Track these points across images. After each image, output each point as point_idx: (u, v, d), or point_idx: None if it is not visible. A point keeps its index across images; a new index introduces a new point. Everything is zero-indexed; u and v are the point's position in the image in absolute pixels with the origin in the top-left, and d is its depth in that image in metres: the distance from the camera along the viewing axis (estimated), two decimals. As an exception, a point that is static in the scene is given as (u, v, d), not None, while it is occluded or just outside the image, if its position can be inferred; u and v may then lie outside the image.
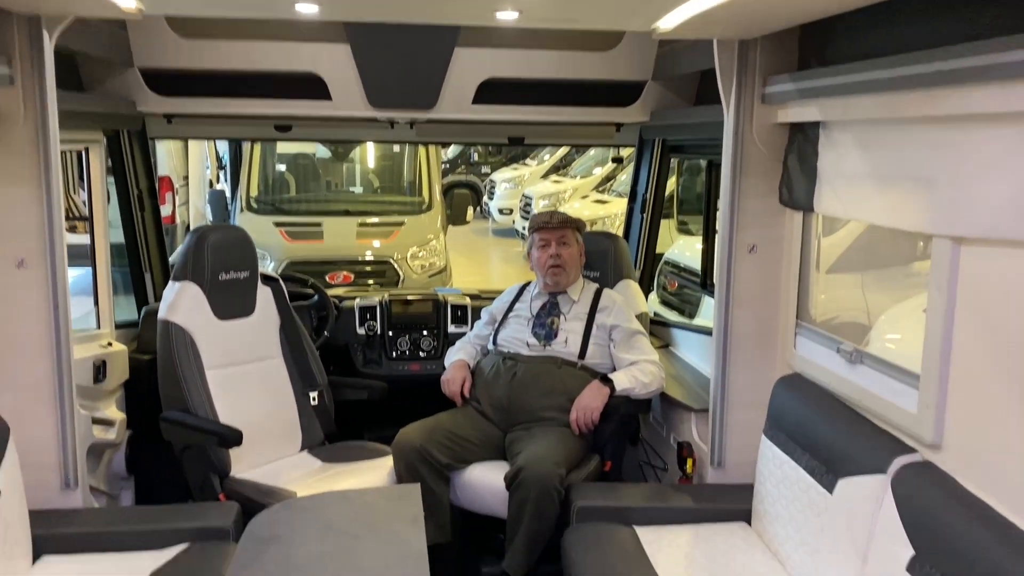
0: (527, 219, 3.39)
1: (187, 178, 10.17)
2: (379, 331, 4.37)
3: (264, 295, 3.78)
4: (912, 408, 2.35)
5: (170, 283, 3.60)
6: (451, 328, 4.39)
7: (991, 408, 2.08)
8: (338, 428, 3.86)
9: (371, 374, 4.28)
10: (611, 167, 13.85)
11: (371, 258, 7.94)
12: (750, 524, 2.98)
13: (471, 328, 4.07)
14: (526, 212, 14.05)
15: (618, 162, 8.89)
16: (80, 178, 4.54)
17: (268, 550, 2.21)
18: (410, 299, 4.46)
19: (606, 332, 3.60)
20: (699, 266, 4.39)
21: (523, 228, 12.20)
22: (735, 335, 3.15)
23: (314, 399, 3.77)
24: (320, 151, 9.14)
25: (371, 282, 7.42)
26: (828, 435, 2.60)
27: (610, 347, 3.60)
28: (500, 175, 16.83)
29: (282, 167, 8.92)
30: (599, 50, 3.87)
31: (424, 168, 8.85)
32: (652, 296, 5.58)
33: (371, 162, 9.34)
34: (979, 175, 2.06)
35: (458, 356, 3.77)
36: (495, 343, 3.72)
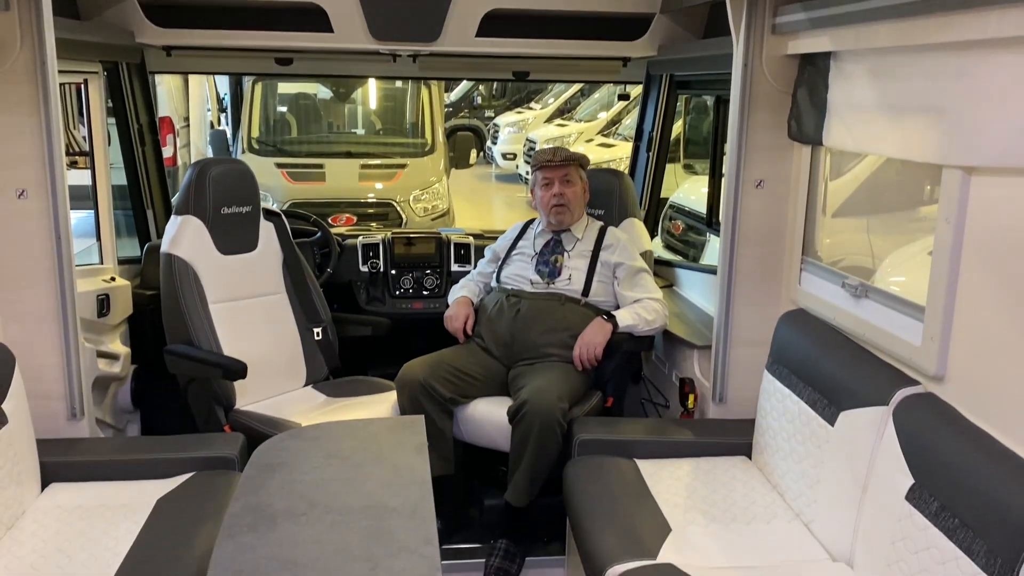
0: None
1: (188, 119, 10.07)
2: (382, 269, 4.36)
3: (267, 230, 3.76)
4: (916, 340, 2.35)
5: (172, 217, 3.59)
6: (454, 267, 4.37)
7: (995, 340, 2.08)
8: (342, 364, 3.88)
9: (374, 312, 4.27)
10: (617, 108, 13.63)
11: (373, 200, 7.91)
12: (751, 458, 3.01)
13: (474, 267, 4.07)
14: (530, 157, 13.89)
15: (625, 99, 8.73)
16: (80, 115, 4.49)
17: (273, 476, 2.23)
18: (413, 238, 4.44)
19: (610, 270, 3.59)
20: (704, 210, 4.35)
21: (527, 173, 12.10)
22: (740, 271, 3.14)
23: (318, 334, 3.78)
24: (321, 92, 9.02)
25: (374, 224, 7.40)
26: (831, 369, 2.61)
27: (614, 285, 3.59)
28: (504, 119, 16.58)
29: (283, 108, 8.83)
30: None
31: (427, 110, 8.75)
32: (656, 240, 5.55)
33: (373, 103, 9.23)
34: (991, 102, 2.02)
35: (461, 293, 3.76)
36: (498, 280, 3.71)
